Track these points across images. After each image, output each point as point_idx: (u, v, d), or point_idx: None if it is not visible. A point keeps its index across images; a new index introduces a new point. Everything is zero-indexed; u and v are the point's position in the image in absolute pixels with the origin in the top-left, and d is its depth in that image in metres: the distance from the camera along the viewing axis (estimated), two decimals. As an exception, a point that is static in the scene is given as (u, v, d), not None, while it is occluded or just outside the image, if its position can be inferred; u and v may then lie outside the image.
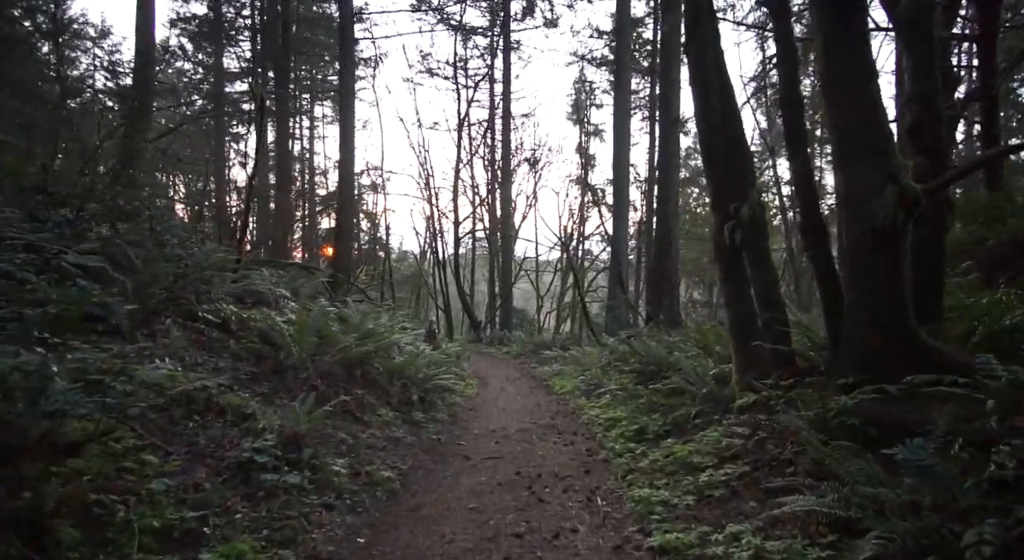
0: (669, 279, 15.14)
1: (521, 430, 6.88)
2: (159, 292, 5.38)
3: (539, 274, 32.07)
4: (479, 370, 14.23)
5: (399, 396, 6.89)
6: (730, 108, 5.55)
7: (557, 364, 13.95)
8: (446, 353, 12.20)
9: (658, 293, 15.22)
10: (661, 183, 15.43)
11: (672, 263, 15.17)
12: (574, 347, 15.74)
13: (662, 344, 9.45)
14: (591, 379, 10.02)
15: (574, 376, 11.60)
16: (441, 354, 10.11)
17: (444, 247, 22.99)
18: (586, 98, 31.19)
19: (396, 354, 7.91)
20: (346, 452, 4.65)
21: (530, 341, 17.95)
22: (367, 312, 10.30)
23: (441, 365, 9.25)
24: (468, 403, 8.86)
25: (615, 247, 18.76)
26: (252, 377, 5.13)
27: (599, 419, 7.15)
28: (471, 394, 9.97)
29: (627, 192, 19.82)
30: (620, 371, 10.30)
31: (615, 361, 11.29)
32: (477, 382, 11.83)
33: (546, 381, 12.26)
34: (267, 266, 10.61)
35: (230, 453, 3.61)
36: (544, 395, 10.45)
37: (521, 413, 8.16)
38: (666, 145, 15.16)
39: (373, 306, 12.92)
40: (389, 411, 6.28)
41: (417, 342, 10.48)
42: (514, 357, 17.17)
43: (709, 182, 5.66)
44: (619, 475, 4.82)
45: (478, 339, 20.97)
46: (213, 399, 4.03)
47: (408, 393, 7.16)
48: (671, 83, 14.95)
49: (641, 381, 8.08)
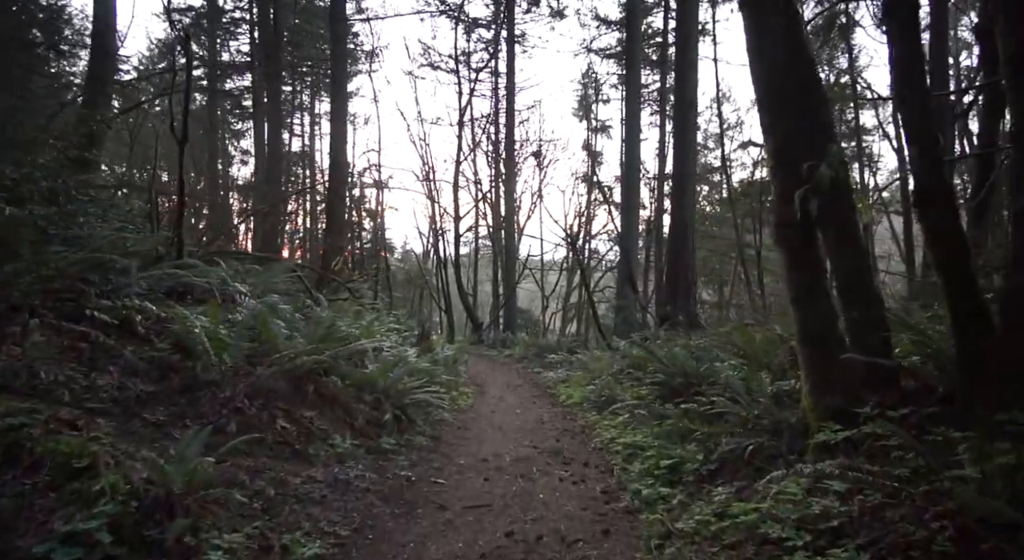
0: (686, 276, 13.60)
1: (519, 459, 5.37)
2: (31, 281, 3.92)
3: (544, 273, 30.55)
4: (478, 375, 12.74)
5: (367, 416, 5.40)
6: (796, 34, 4.04)
7: (563, 369, 12.45)
8: (438, 358, 10.72)
9: (673, 292, 13.68)
10: (676, 172, 13.89)
11: (689, 259, 13.63)
12: (581, 350, 14.22)
13: (685, 349, 7.93)
14: (602, 389, 8.51)
15: (582, 384, 10.09)
16: (430, 360, 8.62)
17: (446, 245, 21.56)
18: (593, 93, 29.69)
19: (370, 362, 6.42)
20: (259, 512, 3.16)
21: (534, 343, 16.44)
22: (348, 312, 8.85)
23: (429, 374, 7.76)
24: (459, 418, 7.36)
25: (624, 243, 17.22)
26: (143, 400, 3.66)
27: (615, 444, 5.64)
28: (464, 406, 8.47)
29: (638, 185, 18.29)
30: (635, 380, 8.77)
31: (628, 368, 9.77)
32: (473, 391, 10.33)
33: (551, 389, 10.74)
34: (233, 258, 9.18)
35: (22, 542, 2.13)
36: (548, 407, 8.94)
37: (520, 433, 6.65)
38: (681, 130, 13.63)
39: (360, 306, 11.45)
40: (348, 438, 4.79)
41: (405, 346, 9.01)
42: (516, 360, 15.67)
43: (769, 137, 4.15)
44: (651, 544, 3.31)
45: (480, 341, 19.48)
46: (29, 443, 2.55)
47: (380, 412, 5.67)
48: (687, 63, 13.43)
49: (663, 395, 6.57)
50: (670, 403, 6.25)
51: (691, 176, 13.82)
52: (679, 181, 13.72)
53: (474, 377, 12.39)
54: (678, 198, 13.74)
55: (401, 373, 6.23)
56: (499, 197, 25.71)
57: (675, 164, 13.93)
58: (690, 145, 13.63)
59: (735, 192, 21.17)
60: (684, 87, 13.44)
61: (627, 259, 17.25)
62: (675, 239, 13.80)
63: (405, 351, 8.13)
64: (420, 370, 7.56)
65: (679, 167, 13.71)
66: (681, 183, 13.67)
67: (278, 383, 4.61)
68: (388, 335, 9.63)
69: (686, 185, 13.57)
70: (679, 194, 13.67)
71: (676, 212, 13.83)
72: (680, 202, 13.67)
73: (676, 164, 13.88)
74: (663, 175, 23.56)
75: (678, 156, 13.80)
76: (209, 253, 8.67)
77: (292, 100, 28.84)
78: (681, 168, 13.63)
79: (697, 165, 29.45)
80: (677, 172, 13.80)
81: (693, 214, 14.13)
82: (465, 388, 10.22)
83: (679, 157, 13.76)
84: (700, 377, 6.21)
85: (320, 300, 7.95)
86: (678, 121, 13.70)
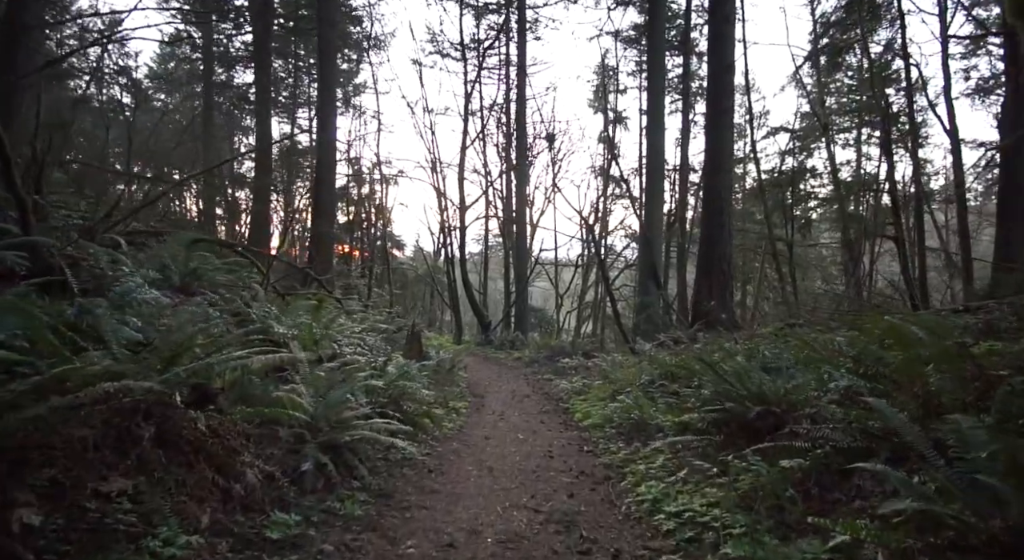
0: (721, 269, 11.34)
1: (508, 540, 3.24)
2: None
3: (558, 270, 28.36)
4: (478, 383, 10.62)
5: (264, 471, 3.29)
6: None
7: (578, 377, 10.27)
8: (427, 364, 8.61)
9: (707, 286, 11.43)
10: (710, 149, 11.63)
11: (725, 247, 11.37)
12: (599, 354, 12.04)
13: (748, 357, 5.72)
14: (630, 407, 6.33)
15: (603, 398, 7.92)
16: (416, 367, 6.47)
17: (454, 239, 19.47)
18: (611, 81, 27.38)
19: (296, 379, 4.32)
20: None
21: (546, 345, 14.28)
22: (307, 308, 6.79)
23: (400, 390, 5.64)
24: (435, 453, 5.24)
25: (647, 233, 14.96)
26: None
27: (661, 513, 3.47)
28: (450, 430, 6.34)
29: (662, 168, 16.02)
30: (673, 397, 6.60)
31: (661, 379, 7.58)
32: (468, 405, 8.21)
33: (564, 403, 8.58)
34: (217, 246, 7.15)
35: None
36: (559, 429, 6.79)
37: (518, 479, 4.49)
38: (716, 98, 11.37)
39: (336, 301, 9.40)
40: (206, 519, 2.69)
41: (379, 353, 6.92)
42: (526, 364, 13.50)
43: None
44: None
45: (487, 342, 17.35)
46: None
47: (298, 459, 3.57)
48: (723, 17, 11.17)
49: (727, 428, 4.39)
50: (740, 439, 4.07)
51: (727, 151, 11.54)
52: (713, 157, 11.46)
53: (474, 386, 10.28)
54: (711, 179, 11.48)
55: (341, 395, 4.11)
56: (510, 190, 23.61)
57: (708, 138, 11.68)
58: (726, 115, 11.36)
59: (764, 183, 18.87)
60: (720, 47, 11.19)
61: (650, 251, 15.00)
62: (709, 225, 11.55)
63: (377, 359, 6.04)
64: (388, 386, 5.43)
65: (713, 141, 11.45)
66: (716, 160, 11.40)
67: (78, 429, 2.53)
68: (361, 337, 7.56)
69: (722, 161, 11.30)
70: (713, 174, 11.41)
71: (709, 194, 11.58)
72: (714, 182, 11.41)
73: (710, 138, 11.62)
74: (685, 166, 21.26)
75: (712, 130, 11.55)
76: (130, 232, 6.67)
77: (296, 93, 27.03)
78: (715, 142, 11.37)
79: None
80: (711, 147, 11.55)
81: (730, 196, 11.85)
82: (458, 402, 8.11)
83: (712, 131, 11.50)
84: (787, 402, 4.01)
85: (258, 293, 5.88)
86: (712, 88, 11.44)
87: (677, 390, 6.98)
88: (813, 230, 24.66)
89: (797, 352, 5.31)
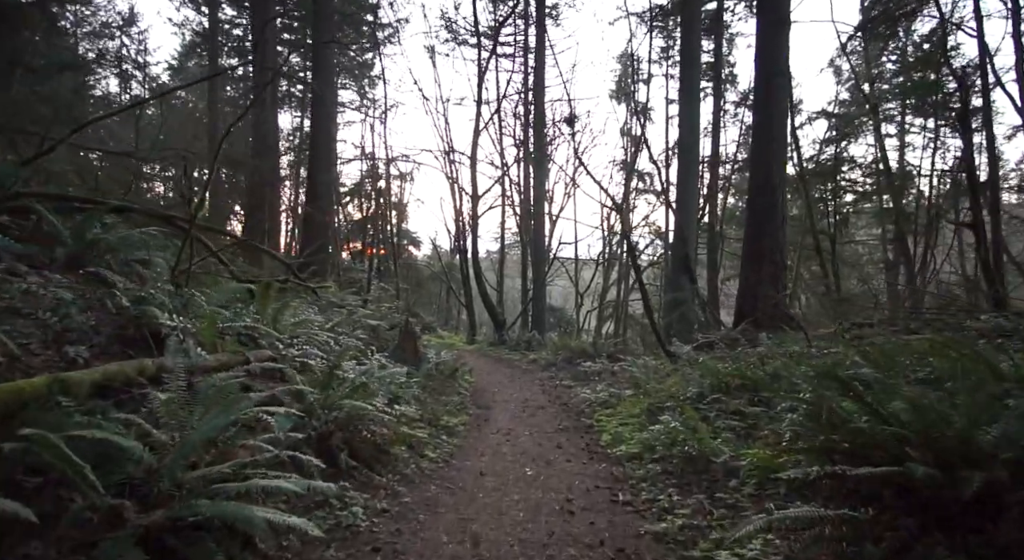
0: (772, 258, 9.38)
1: None
2: None
3: (578, 267, 26.42)
4: (486, 390, 8.83)
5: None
6: None
7: (603, 384, 8.39)
8: (420, 369, 6.86)
9: (755, 278, 9.47)
10: (760, 112, 9.65)
11: (777, 232, 9.40)
12: (626, 357, 10.14)
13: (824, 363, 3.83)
14: (679, 432, 4.47)
15: (636, 414, 6.07)
16: (363, 382, 4.65)
17: (466, 232, 17.71)
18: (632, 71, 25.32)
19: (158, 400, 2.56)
20: None
21: (565, 346, 12.40)
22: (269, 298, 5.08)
23: (346, 413, 3.87)
24: (397, 509, 3.45)
25: (681, 220, 12.98)
26: None
27: None
28: (432, 461, 4.55)
29: (697, 152, 14.04)
30: (739, 419, 4.73)
31: (713, 391, 5.70)
32: (467, 421, 6.42)
33: (587, 418, 6.72)
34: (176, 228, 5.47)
35: None
36: (583, 461, 4.94)
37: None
38: (769, 54, 9.37)
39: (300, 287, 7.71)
40: None
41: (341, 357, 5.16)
42: (542, 367, 11.64)
43: None
44: None
45: (501, 342, 15.53)
46: None
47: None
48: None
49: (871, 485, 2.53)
50: (908, 519, 2.22)
51: (782, 116, 9.52)
52: (764, 123, 9.47)
53: (479, 394, 8.48)
54: (762, 149, 9.50)
55: (210, 430, 2.34)
56: (528, 183, 21.77)
57: (758, 105, 9.72)
58: (781, 77, 9.37)
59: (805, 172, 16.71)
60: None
61: (683, 243, 13.03)
62: (758, 207, 9.58)
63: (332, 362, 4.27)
64: (328, 406, 3.65)
65: (764, 108, 9.47)
66: (767, 127, 9.42)
67: None
68: (334, 334, 5.84)
69: (774, 129, 9.31)
70: (764, 143, 9.43)
71: (758, 169, 9.60)
72: (764, 154, 9.43)
73: (760, 105, 9.64)
74: (716, 157, 19.22)
75: (763, 92, 9.57)
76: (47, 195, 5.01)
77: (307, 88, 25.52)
78: (768, 108, 9.40)
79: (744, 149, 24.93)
80: (761, 112, 9.58)
81: (783, 171, 9.85)
82: (454, 417, 6.32)
83: (764, 93, 9.53)
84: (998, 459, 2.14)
85: (162, 273, 4.17)
86: (762, 42, 9.46)
87: (741, 409, 5.10)
88: (850, 226, 22.41)
89: (950, 362, 3.38)
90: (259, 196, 13.64)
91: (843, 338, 6.58)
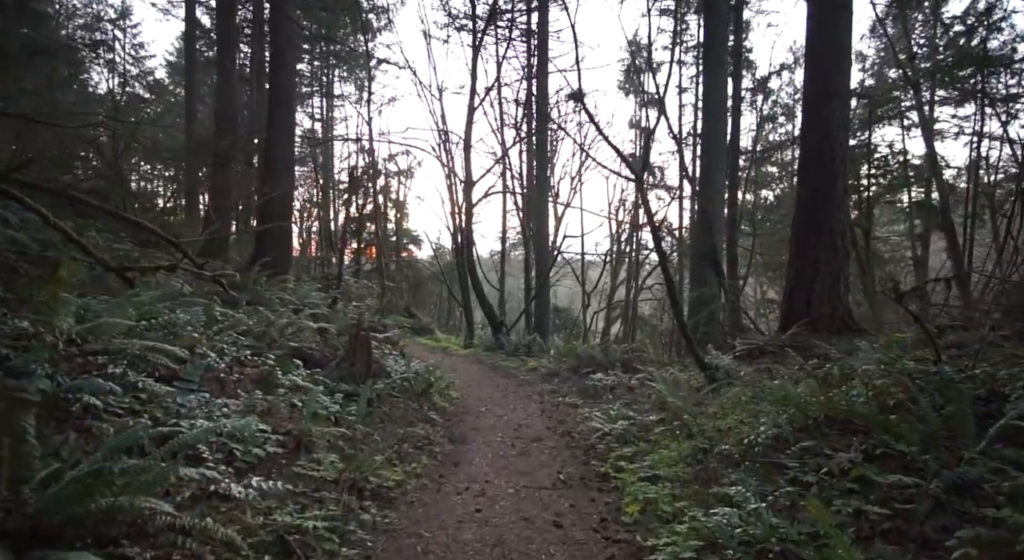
0: (833, 244, 7.21)
1: None
2: None
3: (585, 265, 24.26)
4: (468, 411, 6.69)
5: None
6: None
7: (619, 403, 6.21)
8: (361, 393, 4.75)
9: (809, 269, 7.31)
10: (814, 57, 7.48)
11: (837, 210, 7.24)
12: (646, 367, 7.98)
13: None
14: (773, 533, 2.33)
15: (674, 463, 3.92)
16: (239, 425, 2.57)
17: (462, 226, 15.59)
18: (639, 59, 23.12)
19: None
20: None
21: (569, 352, 10.22)
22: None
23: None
24: None
25: (704, 203, 10.78)
26: None
27: None
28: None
29: (724, 130, 11.82)
30: (873, 496, 2.58)
31: (798, 428, 3.55)
32: (425, 468, 4.28)
33: (600, 465, 4.53)
34: None
35: None
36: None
37: None
38: (828, 7, 7.21)
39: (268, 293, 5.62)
40: None
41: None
42: (543, 378, 9.45)
43: None
44: None
45: (498, 346, 13.35)
46: None
47: None
48: None
49: None
50: None
51: (842, 60, 7.31)
52: (820, 72, 7.31)
53: (459, 417, 6.35)
54: (820, 107, 7.32)
55: None
56: (531, 172, 19.65)
57: (812, 64, 7.55)
58: (844, 10, 7.19)
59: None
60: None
61: (709, 232, 10.84)
62: (813, 177, 7.42)
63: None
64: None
65: (826, 69, 7.30)
66: (823, 86, 7.25)
67: None
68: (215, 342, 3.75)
69: (834, 80, 7.13)
70: (823, 100, 7.25)
71: (815, 131, 7.43)
72: (822, 114, 7.26)
73: (817, 61, 7.47)
74: (737, 141, 16.99)
75: (818, 22, 7.40)
76: None
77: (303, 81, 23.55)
78: (824, 47, 7.23)
79: (760, 141, 22.57)
80: (816, 53, 7.42)
81: (846, 136, 7.66)
82: (407, 464, 4.20)
83: (820, 26, 7.36)
84: None
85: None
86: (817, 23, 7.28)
87: (874, 479, 2.89)
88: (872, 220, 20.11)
89: None
90: (223, 177, 11.61)
91: (982, 346, 4.38)
